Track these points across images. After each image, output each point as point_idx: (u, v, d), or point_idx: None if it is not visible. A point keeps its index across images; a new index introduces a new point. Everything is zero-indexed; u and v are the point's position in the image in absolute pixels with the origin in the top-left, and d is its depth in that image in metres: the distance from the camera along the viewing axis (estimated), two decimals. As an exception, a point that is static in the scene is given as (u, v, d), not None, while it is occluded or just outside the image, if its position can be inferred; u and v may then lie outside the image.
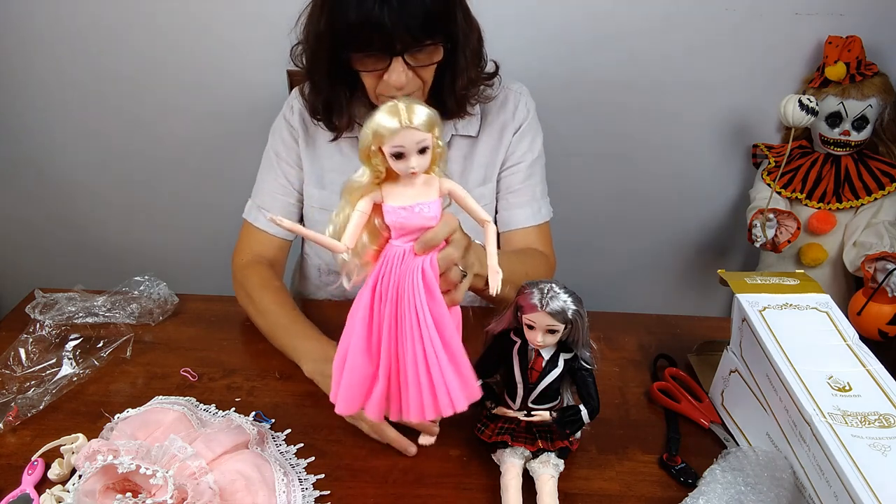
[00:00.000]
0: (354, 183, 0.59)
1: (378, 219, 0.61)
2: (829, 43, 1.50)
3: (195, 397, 0.83)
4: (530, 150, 1.06)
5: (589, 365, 0.70)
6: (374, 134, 0.55)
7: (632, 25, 1.55)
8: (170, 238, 1.89)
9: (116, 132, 1.72)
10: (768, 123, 1.66)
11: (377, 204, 0.60)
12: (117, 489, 0.61)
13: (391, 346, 0.63)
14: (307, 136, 1.04)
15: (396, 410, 0.65)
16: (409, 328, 0.60)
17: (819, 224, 1.55)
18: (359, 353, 0.63)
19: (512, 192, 1.06)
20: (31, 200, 1.84)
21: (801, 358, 0.69)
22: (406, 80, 0.85)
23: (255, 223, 1.05)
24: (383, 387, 0.64)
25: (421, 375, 0.61)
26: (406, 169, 0.57)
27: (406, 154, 0.56)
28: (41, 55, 1.62)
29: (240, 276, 1.01)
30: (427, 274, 0.60)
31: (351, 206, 0.59)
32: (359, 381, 0.64)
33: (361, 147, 0.57)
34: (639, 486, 0.72)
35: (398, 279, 0.60)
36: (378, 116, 0.55)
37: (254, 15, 1.55)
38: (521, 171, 1.06)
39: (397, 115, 0.55)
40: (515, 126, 1.05)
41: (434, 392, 0.60)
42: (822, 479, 0.61)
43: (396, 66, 0.83)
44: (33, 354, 0.88)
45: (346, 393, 0.65)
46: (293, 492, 0.68)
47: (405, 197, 0.59)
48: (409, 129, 0.55)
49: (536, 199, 1.07)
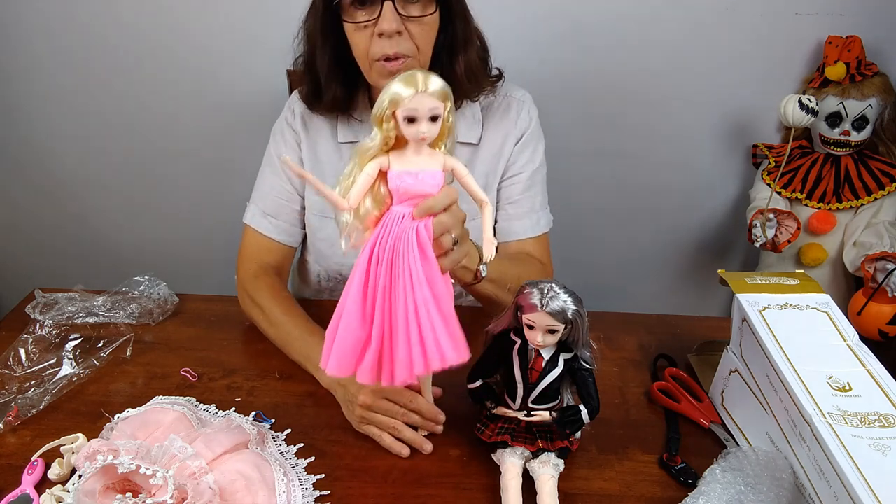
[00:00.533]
0: (365, 145, 0.62)
1: (383, 186, 0.64)
2: (829, 43, 1.50)
3: (195, 397, 0.83)
4: (531, 160, 1.05)
5: (589, 365, 0.70)
6: (391, 98, 0.58)
7: (631, 25, 1.55)
8: (170, 238, 1.89)
9: (117, 133, 1.72)
10: (768, 123, 1.66)
11: (383, 171, 0.63)
12: (117, 489, 0.61)
13: (385, 308, 0.63)
14: (309, 140, 1.03)
15: (389, 375, 0.65)
16: (402, 286, 0.62)
17: (819, 224, 1.55)
18: (353, 315, 0.63)
19: (511, 203, 1.05)
20: (31, 201, 1.84)
21: (801, 358, 0.69)
22: (397, 26, 0.84)
23: (259, 229, 1.03)
24: (376, 350, 0.64)
25: (412, 331, 0.61)
26: (416, 134, 0.59)
27: (418, 119, 0.59)
28: (43, 55, 1.62)
29: (249, 287, 0.99)
30: (421, 234, 0.62)
31: (359, 169, 0.62)
32: (352, 345, 0.64)
33: (376, 112, 0.60)
34: (639, 486, 0.72)
35: (394, 240, 0.62)
36: (395, 83, 0.58)
37: (253, 16, 1.55)
38: (522, 181, 1.05)
39: (414, 82, 0.58)
40: (517, 135, 1.04)
41: (424, 346, 0.61)
42: (822, 479, 0.61)
43: (387, 12, 0.83)
44: (33, 354, 0.88)
45: (338, 356, 0.65)
46: (293, 492, 0.68)
47: (411, 164, 0.62)
48: (424, 95, 0.58)
49: (536, 211, 1.06)
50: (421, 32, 0.87)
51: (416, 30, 0.86)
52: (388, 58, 0.85)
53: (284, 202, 1.04)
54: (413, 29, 0.86)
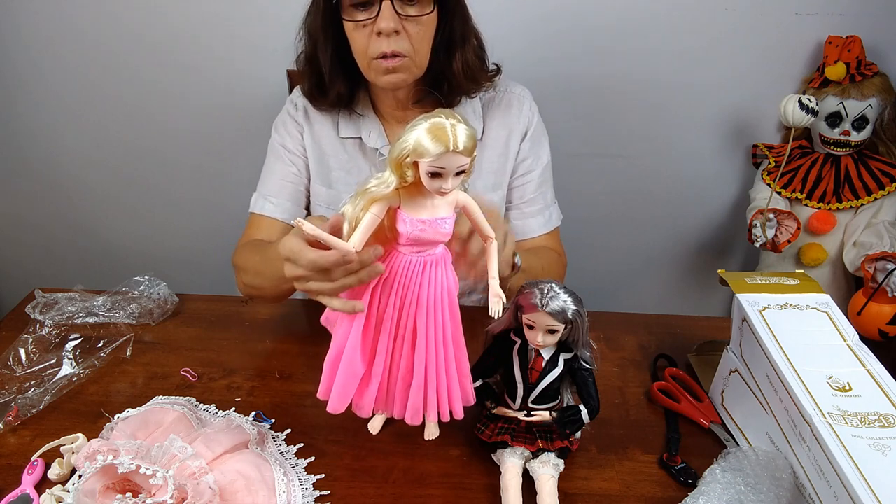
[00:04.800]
0: (374, 188, 0.58)
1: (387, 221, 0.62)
2: (829, 43, 1.50)
3: (195, 397, 0.83)
4: (540, 157, 1.07)
5: (589, 365, 0.70)
6: (416, 149, 0.54)
7: (631, 25, 1.55)
8: (170, 238, 1.89)
9: (117, 132, 1.72)
10: (768, 123, 1.66)
11: (392, 208, 0.60)
12: (117, 489, 0.61)
13: (389, 350, 0.66)
14: (312, 133, 1.04)
15: (391, 410, 0.72)
16: (427, 342, 0.64)
17: (819, 224, 1.55)
18: (354, 352, 0.65)
19: (526, 202, 1.07)
20: (31, 200, 1.84)
21: (801, 358, 0.69)
22: (395, 25, 0.85)
23: (260, 211, 1.04)
24: (376, 387, 0.69)
25: (430, 385, 0.67)
26: (440, 188, 0.56)
27: (444, 175, 0.55)
28: (42, 55, 1.62)
29: (234, 258, 1.00)
30: (452, 295, 0.64)
31: (364, 210, 0.59)
32: (351, 380, 0.67)
33: (395, 156, 0.56)
34: (639, 486, 0.72)
35: (404, 288, 0.63)
36: (423, 133, 0.54)
37: (254, 15, 1.54)
38: (534, 179, 1.07)
39: (445, 139, 0.53)
40: (522, 131, 1.05)
41: (439, 401, 0.69)
42: (822, 479, 0.61)
43: (385, 10, 0.84)
44: (33, 354, 0.88)
45: (338, 391, 0.68)
46: (293, 492, 0.68)
47: (424, 209, 0.59)
48: (454, 154, 0.54)
49: (548, 206, 1.09)
50: (418, 31, 0.88)
51: (413, 29, 0.87)
52: (386, 55, 0.86)
53: (288, 183, 1.05)
54: (411, 28, 0.87)
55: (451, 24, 0.92)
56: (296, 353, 0.93)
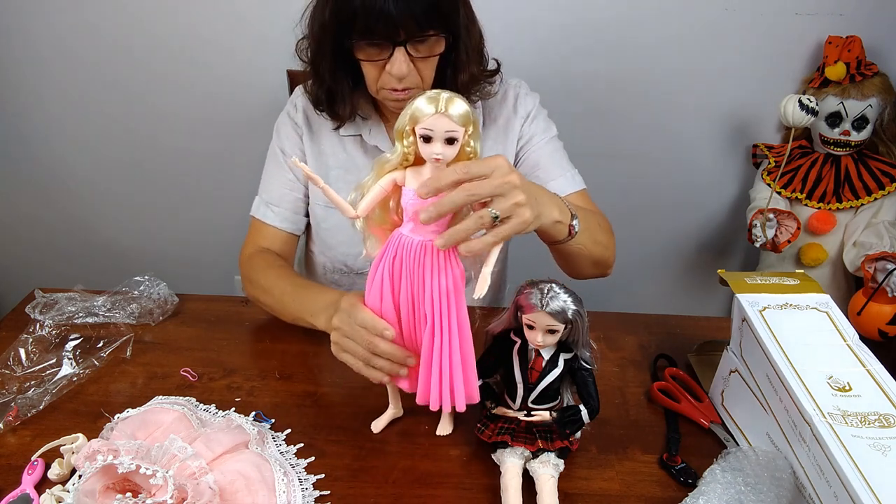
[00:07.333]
0: (385, 158, 0.63)
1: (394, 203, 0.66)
2: (829, 43, 1.50)
3: (195, 397, 0.83)
4: (547, 129, 1.06)
5: (589, 365, 0.70)
6: (412, 114, 0.59)
7: (631, 26, 1.55)
8: (170, 238, 1.89)
9: (117, 133, 1.72)
10: (768, 123, 1.66)
11: (398, 185, 0.64)
12: (117, 489, 0.61)
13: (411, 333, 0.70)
14: (311, 134, 1.04)
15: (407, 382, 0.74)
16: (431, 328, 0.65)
17: (819, 224, 1.55)
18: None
19: (540, 168, 1.04)
20: (31, 200, 1.85)
21: (801, 358, 0.69)
22: (407, 70, 0.85)
23: (262, 218, 1.05)
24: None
25: (433, 371, 0.67)
26: (430, 154, 0.59)
27: (433, 139, 0.59)
28: (44, 57, 1.62)
29: (245, 267, 1.01)
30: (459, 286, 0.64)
31: (375, 181, 0.64)
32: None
33: (397, 127, 0.61)
34: (639, 486, 0.72)
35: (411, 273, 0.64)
36: (418, 99, 0.59)
37: (254, 16, 1.55)
38: (543, 145, 1.04)
39: (435, 102, 0.58)
40: (523, 116, 1.05)
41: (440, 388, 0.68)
42: (822, 479, 0.61)
43: (398, 55, 0.84)
44: (33, 354, 0.88)
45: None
46: (293, 492, 0.68)
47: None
48: (442, 116, 0.58)
49: (567, 169, 1.05)
50: (427, 67, 0.89)
51: (423, 65, 0.89)
52: (396, 90, 0.88)
53: (287, 191, 1.06)
54: (421, 65, 0.88)
55: (458, 49, 0.92)
56: (296, 353, 0.93)
